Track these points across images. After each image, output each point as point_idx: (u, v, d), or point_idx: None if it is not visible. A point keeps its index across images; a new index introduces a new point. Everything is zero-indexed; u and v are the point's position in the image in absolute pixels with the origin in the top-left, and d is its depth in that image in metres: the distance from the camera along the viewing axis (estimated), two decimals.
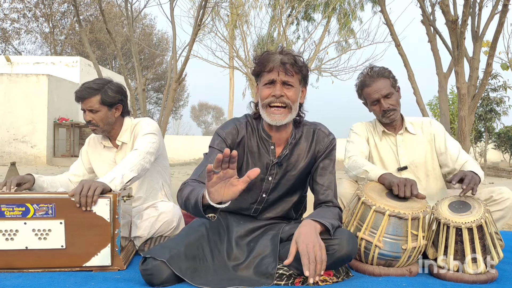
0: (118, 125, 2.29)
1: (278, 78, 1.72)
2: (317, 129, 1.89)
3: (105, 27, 6.05)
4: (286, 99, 1.73)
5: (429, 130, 2.34)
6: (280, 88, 1.73)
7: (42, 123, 12.43)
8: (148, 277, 1.63)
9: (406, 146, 2.32)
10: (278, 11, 13.97)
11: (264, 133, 1.84)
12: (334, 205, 1.85)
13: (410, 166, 2.29)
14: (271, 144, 1.84)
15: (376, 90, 2.23)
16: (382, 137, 2.35)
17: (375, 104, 2.27)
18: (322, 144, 1.87)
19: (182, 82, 6.48)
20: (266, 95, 1.74)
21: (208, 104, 45.55)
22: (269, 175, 1.86)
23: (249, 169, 1.63)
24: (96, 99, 2.17)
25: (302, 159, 1.88)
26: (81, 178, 2.38)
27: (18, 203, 1.76)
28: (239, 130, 1.85)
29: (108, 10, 16.68)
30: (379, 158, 2.33)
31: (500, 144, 17.29)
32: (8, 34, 21.68)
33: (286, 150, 1.84)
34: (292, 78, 1.73)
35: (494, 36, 5.59)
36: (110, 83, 2.23)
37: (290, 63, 1.72)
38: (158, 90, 25.68)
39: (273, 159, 1.84)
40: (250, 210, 1.92)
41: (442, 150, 2.29)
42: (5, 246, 1.78)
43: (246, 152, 1.85)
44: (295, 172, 1.88)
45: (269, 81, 1.74)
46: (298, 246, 1.58)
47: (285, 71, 1.71)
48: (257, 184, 1.86)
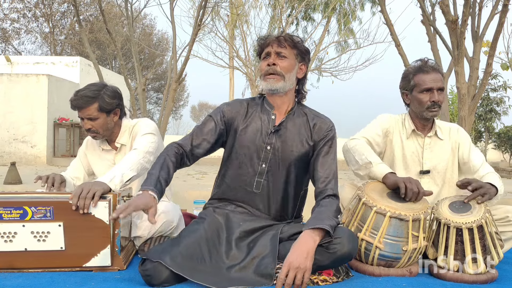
0: (116, 128, 2.29)
1: (272, 50, 1.90)
2: (318, 115, 2.00)
3: (105, 27, 6.05)
4: (279, 68, 1.89)
5: (455, 137, 2.26)
6: (273, 57, 1.90)
7: (42, 123, 12.41)
8: (147, 278, 1.63)
9: (432, 150, 2.23)
10: (278, 11, 13.96)
11: (267, 105, 1.98)
12: (333, 196, 1.84)
13: (432, 171, 2.22)
14: (272, 114, 1.95)
15: (434, 79, 2.14)
16: (409, 136, 2.25)
17: (424, 92, 2.15)
18: (322, 130, 1.94)
19: (182, 82, 6.49)
20: (263, 67, 1.93)
21: (208, 104, 45.57)
22: (267, 144, 1.92)
23: (249, 139, 1.92)
24: (94, 107, 2.15)
25: (300, 135, 1.93)
26: (82, 180, 2.38)
27: (16, 206, 1.75)
28: (242, 103, 2.02)
29: (108, 10, 16.67)
30: (402, 157, 2.24)
31: (500, 144, 17.30)
32: (8, 34, 21.67)
33: (284, 118, 1.94)
34: (285, 50, 1.90)
35: (494, 36, 5.59)
36: (105, 89, 2.20)
37: (284, 37, 1.92)
38: (158, 90, 25.68)
39: (272, 128, 1.93)
40: (252, 184, 1.93)
41: (465, 160, 2.23)
42: (4, 248, 1.77)
43: (247, 125, 1.96)
44: (294, 148, 1.92)
45: (266, 54, 1.93)
46: (283, 266, 1.63)
47: (278, 43, 1.90)
48: (257, 153, 1.93)
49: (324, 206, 1.81)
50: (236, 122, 1.97)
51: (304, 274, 1.61)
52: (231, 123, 1.97)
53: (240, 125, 1.96)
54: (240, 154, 1.95)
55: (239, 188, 1.95)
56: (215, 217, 1.91)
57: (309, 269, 1.62)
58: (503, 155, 17.79)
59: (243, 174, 1.94)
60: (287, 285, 1.60)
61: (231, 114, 1.97)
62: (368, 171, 2.04)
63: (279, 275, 1.62)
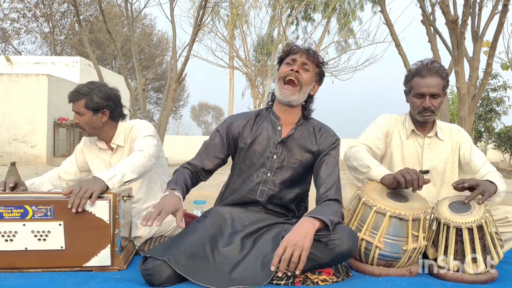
0: (109, 129, 2.28)
1: (300, 59, 1.94)
2: (324, 127, 2.05)
3: (105, 27, 6.05)
4: (301, 77, 1.92)
5: (456, 138, 2.26)
6: (299, 65, 1.93)
7: (42, 123, 12.41)
8: (148, 277, 1.63)
9: (432, 150, 2.24)
10: (278, 11, 13.97)
11: (273, 116, 2.01)
12: (335, 201, 1.86)
13: (431, 171, 2.21)
14: (278, 125, 1.99)
15: (427, 85, 2.13)
16: (409, 136, 2.25)
17: (418, 98, 2.16)
18: (327, 141, 1.99)
19: (182, 82, 6.49)
20: (284, 70, 1.94)
21: (208, 104, 45.57)
22: (274, 153, 1.96)
23: (256, 149, 1.97)
24: (81, 103, 2.19)
25: (306, 145, 1.97)
26: (73, 175, 2.38)
27: (17, 205, 1.76)
28: (248, 116, 2.07)
29: (108, 10, 16.66)
30: (401, 156, 2.25)
31: (500, 144, 17.29)
32: (8, 34, 21.68)
33: (292, 131, 1.98)
34: (311, 64, 1.95)
35: (494, 36, 5.59)
36: (98, 88, 2.22)
37: (314, 52, 1.99)
38: (158, 90, 25.68)
39: (279, 139, 1.96)
40: (256, 192, 1.96)
41: (466, 160, 2.23)
42: (5, 247, 1.77)
43: (255, 137, 1.99)
44: (299, 157, 1.96)
45: (291, 60, 1.95)
46: (281, 243, 1.65)
47: (307, 55, 1.95)
48: (263, 162, 1.96)
49: (326, 205, 1.83)
50: (243, 135, 2.01)
51: (302, 252, 1.61)
52: (238, 137, 2.02)
53: (248, 138, 2.00)
54: (246, 165, 1.99)
55: (243, 197, 1.99)
56: (219, 213, 1.93)
57: (307, 248, 1.62)
58: (503, 155, 17.78)
59: (247, 183, 1.98)
60: (284, 261, 1.61)
61: (238, 128, 2.02)
62: (366, 174, 2.06)
63: (276, 252, 1.64)
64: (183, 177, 1.91)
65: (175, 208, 1.68)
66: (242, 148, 2.00)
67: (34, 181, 2.23)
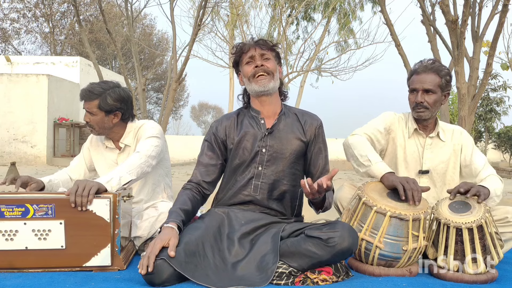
0: (118, 129, 2.28)
1: (256, 53, 1.98)
2: (306, 113, 2.10)
3: (105, 27, 6.05)
4: (267, 68, 1.97)
5: (458, 139, 2.26)
6: (259, 59, 1.98)
7: (42, 123, 12.42)
8: (148, 277, 1.63)
9: (433, 151, 2.24)
10: (278, 11, 13.98)
11: (253, 112, 2.04)
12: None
13: (431, 172, 2.22)
14: (260, 118, 2.02)
15: (421, 81, 2.16)
16: (411, 135, 2.26)
17: (412, 93, 2.20)
18: (313, 126, 2.04)
19: (182, 82, 6.49)
20: (249, 70, 1.98)
21: (208, 104, 45.53)
22: (262, 147, 1.98)
23: (244, 147, 1.98)
24: (94, 103, 2.18)
25: (292, 133, 2.01)
26: (82, 176, 2.38)
27: (18, 204, 1.76)
28: (230, 117, 2.08)
29: (108, 10, 16.67)
30: (403, 155, 2.25)
31: (500, 144, 17.31)
32: (8, 34, 21.69)
33: (276, 121, 2.02)
34: (267, 52, 1.99)
35: (494, 36, 5.59)
36: (112, 90, 2.20)
37: (264, 40, 2.03)
38: (158, 90, 25.69)
39: (265, 132, 1.99)
40: (249, 187, 1.97)
41: (467, 163, 2.23)
42: (5, 246, 1.78)
43: (241, 135, 2.01)
44: (289, 146, 1.99)
45: (249, 58, 1.99)
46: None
47: (260, 46, 1.99)
48: (253, 157, 1.98)
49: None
50: (230, 136, 2.03)
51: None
52: (226, 139, 2.04)
53: (235, 137, 2.02)
54: (237, 163, 2.00)
55: (237, 194, 1.99)
56: (216, 213, 1.94)
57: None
58: (503, 155, 17.79)
59: (240, 180, 1.99)
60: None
61: (223, 130, 2.05)
62: (367, 169, 2.05)
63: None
64: (179, 203, 1.89)
65: (168, 238, 1.68)
66: (231, 148, 2.02)
67: (50, 178, 2.25)
